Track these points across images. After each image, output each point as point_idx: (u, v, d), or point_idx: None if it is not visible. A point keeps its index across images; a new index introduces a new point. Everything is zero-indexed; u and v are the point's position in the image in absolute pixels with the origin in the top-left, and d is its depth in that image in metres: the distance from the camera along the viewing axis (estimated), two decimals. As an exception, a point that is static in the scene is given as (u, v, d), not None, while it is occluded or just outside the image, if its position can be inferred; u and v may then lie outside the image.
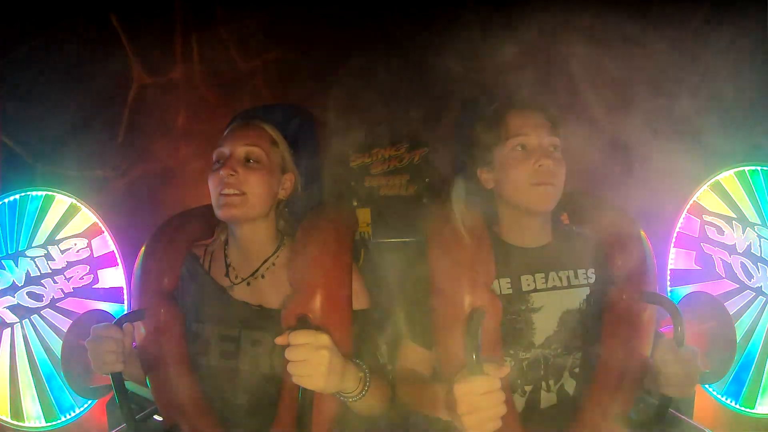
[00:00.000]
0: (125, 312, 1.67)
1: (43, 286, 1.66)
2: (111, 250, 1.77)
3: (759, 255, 1.66)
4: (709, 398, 1.74)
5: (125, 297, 1.76)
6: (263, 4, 1.88)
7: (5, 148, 1.73)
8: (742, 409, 1.69)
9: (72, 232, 1.72)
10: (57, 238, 1.70)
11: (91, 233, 1.75)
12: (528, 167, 1.07)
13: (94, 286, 1.74)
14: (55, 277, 1.68)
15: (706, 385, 1.71)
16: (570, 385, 1.12)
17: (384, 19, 1.96)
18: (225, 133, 1.17)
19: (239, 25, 1.90)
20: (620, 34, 1.98)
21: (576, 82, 2.03)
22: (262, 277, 1.14)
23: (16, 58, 1.67)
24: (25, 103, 1.74)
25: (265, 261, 1.15)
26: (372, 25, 1.96)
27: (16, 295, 1.63)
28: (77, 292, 1.71)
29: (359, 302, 1.10)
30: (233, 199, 1.06)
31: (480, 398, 0.81)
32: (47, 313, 1.67)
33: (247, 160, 1.10)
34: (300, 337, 0.88)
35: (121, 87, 1.85)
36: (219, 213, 1.08)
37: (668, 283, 1.82)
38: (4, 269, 1.61)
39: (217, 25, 1.89)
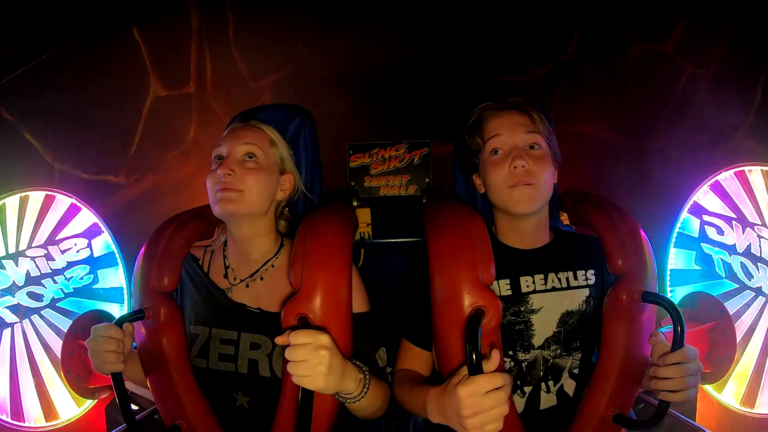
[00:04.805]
0: (125, 312, 1.68)
1: (43, 286, 1.66)
2: (111, 250, 1.77)
3: (759, 255, 1.65)
4: (710, 398, 1.74)
5: (125, 297, 1.76)
6: (273, 29, 2.01)
7: (29, 147, 1.80)
8: (742, 409, 1.69)
9: (72, 232, 1.72)
10: (57, 238, 1.69)
11: (91, 233, 1.75)
12: (504, 170, 1.07)
13: (94, 286, 1.74)
14: (55, 277, 1.68)
15: (707, 386, 1.71)
16: (569, 386, 1.12)
17: (388, 32, 2.03)
18: (225, 132, 1.17)
19: (250, 47, 2.02)
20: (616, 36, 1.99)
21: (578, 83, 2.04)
22: (261, 279, 1.14)
23: (46, 61, 1.76)
24: (50, 105, 1.81)
25: (265, 263, 1.14)
26: (376, 42, 2.04)
27: (16, 295, 1.63)
28: (77, 292, 1.71)
29: (358, 306, 1.09)
30: (230, 194, 1.06)
31: (484, 398, 0.80)
32: (47, 313, 1.67)
33: (245, 160, 1.10)
34: (300, 337, 0.88)
35: (138, 97, 1.95)
36: (216, 209, 1.08)
37: (668, 283, 1.82)
38: (4, 269, 1.61)
39: (230, 46, 2.01)
